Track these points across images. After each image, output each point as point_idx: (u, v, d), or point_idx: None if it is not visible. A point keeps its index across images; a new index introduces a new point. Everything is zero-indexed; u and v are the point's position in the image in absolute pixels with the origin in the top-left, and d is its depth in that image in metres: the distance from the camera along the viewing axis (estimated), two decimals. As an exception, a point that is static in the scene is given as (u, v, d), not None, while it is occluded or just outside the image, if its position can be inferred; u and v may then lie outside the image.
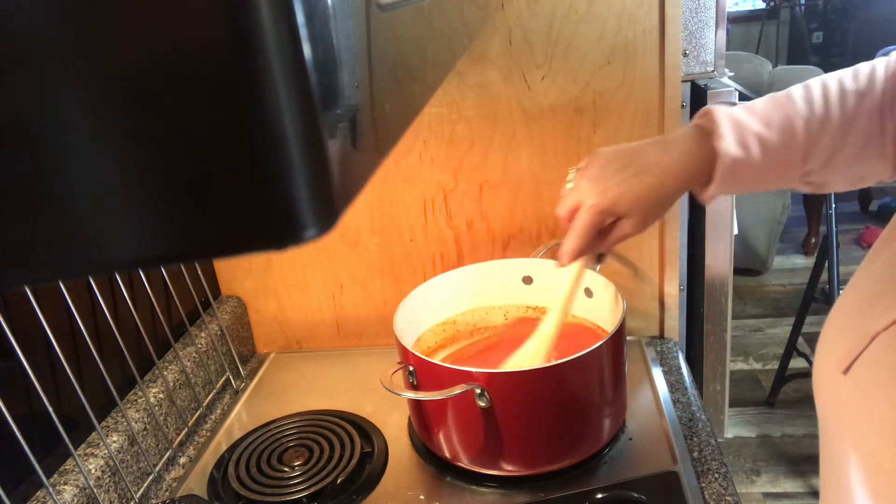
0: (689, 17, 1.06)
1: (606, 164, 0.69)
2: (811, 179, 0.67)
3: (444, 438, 0.83)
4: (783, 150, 0.64)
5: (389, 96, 0.29)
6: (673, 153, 0.66)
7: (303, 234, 0.19)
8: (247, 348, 1.16)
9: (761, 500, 2.07)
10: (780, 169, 0.65)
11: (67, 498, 0.72)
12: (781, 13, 5.09)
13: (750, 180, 0.66)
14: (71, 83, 0.17)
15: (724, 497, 0.78)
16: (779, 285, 3.22)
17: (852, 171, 0.66)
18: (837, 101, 0.63)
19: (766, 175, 0.66)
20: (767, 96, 0.67)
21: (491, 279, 1.00)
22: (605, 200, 0.67)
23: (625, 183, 0.67)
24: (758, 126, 0.64)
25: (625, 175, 0.67)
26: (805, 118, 0.63)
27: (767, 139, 0.64)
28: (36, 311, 0.72)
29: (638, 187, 0.66)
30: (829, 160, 0.64)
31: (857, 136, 0.63)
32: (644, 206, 0.67)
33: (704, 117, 0.67)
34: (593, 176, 0.69)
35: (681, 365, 1.03)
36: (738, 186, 0.68)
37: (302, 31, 0.18)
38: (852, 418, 0.53)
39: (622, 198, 0.67)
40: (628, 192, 0.67)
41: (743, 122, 0.65)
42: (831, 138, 0.63)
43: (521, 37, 0.95)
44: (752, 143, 0.64)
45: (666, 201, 0.68)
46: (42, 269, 0.19)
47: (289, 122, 0.18)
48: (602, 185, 0.68)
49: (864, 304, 0.54)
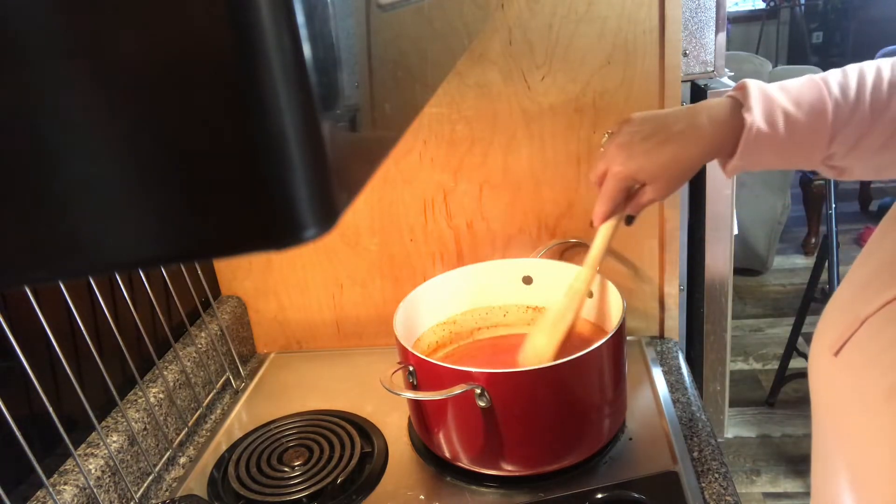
0: (689, 17, 1.06)
1: (635, 131, 0.71)
2: (834, 163, 0.67)
3: (444, 438, 0.83)
4: (810, 130, 0.65)
5: (389, 96, 0.29)
6: (702, 120, 0.68)
7: (303, 234, 0.19)
8: (247, 348, 1.16)
9: (761, 500, 2.07)
10: (804, 148, 0.66)
11: (67, 498, 0.72)
12: (781, 13, 5.09)
13: (773, 156, 0.67)
14: (71, 83, 0.17)
15: (724, 497, 0.78)
16: (779, 285, 3.22)
17: (877, 160, 0.66)
18: (871, 89, 0.64)
19: (789, 152, 0.67)
20: (805, 77, 0.67)
21: (491, 279, 1.00)
22: (629, 168, 0.70)
23: (649, 152, 0.69)
24: (787, 103, 0.65)
25: (650, 143, 0.69)
26: (837, 101, 0.64)
27: (796, 117, 0.64)
28: (36, 311, 0.72)
29: (662, 156, 0.69)
30: (854, 145, 0.65)
31: (885, 124, 0.63)
32: (666, 173, 0.70)
33: (738, 90, 0.68)
34: (621, 143, 0.71)
35: (681, 365, 1.03)
36: (761, 160, 0.68)
37: (302, 31, 0.18)
38: (841, 399, 0.54)
39: (645, 166, 0.70)
40: (652, 161, 0.69)
41: (774, 97, 0.66)
42: (860, 124, 0.64)
43: (521, 37, 0.95)
44: (780, 118, 0.65)
45: (688, 169, 0.70)
46: (42, 269, 0.19)
47: (289, 121, 0.18)
48: (627, 152, 0.70)
49: (858, 291, 0.55)
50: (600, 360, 0.79)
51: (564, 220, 1.05)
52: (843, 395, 0.54)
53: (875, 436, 0.50)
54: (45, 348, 0.74)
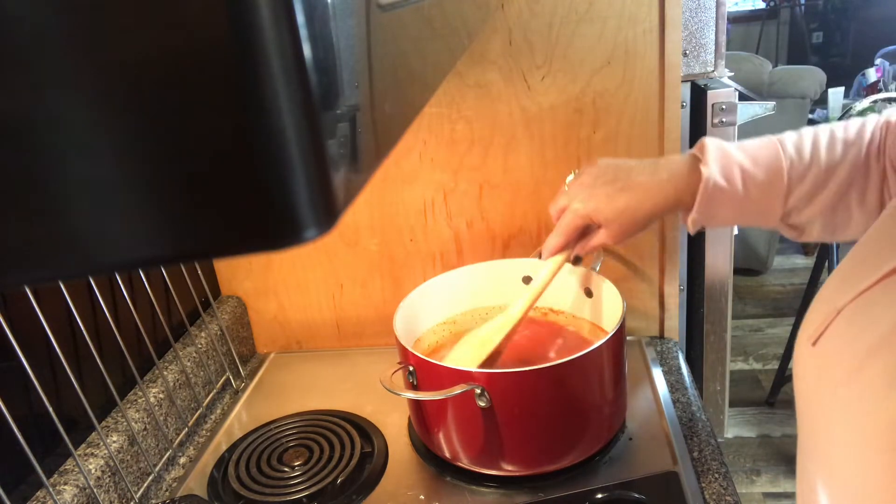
0: (689, 17, 1.06)
1: (599, 174, 0.75)
2: (791, 221, 0.71)
3: (444, 438, 0.83)
4: (766, 185, 0.68)
5: (389, 96, 0.29)
6: (662, 174, 0.72)
7: (303, 235, 0.19)
8: (247, 348, 1.16)
9: (761, 500, 2.07)
10: (760, 204, 0.69)
11: (67, 498, 0.72)
12: (781, 13, 5.09)
13: (730, 211, 0.70)
14: (71, 83, 0.17)
15: (724, 497, 0.78)
16: (779, 285, 3.22)
17: (832, 218, 0.69)
18: (825, 147, 0.68)
19: (746, 208, 0.70)
20: (763, 137, 0.71)
21: (491, 279, 1.00)
22: (588, 208, 0.74)
23: (610, 196, 0.73)
24: (744, 160, 0.69)
25: (612, 188, 0.73)
26: (791, 159, 0.68)
27: (752, 173, 0.68)
28: (36, 311, 0.72)
29: (620, 202, 0.73)
30: (809, 201, 0.68)
31: (839, 180, 0.67)
32: (621, 219, 0.73)
33: (698, 147, 0.72)
34: (584, 183, 0.76)
35: (681, 365, 1.03)
36: (718, 215, 0.71)
37: (302, 31, 0.18)
38: (815, 387, 0.56)
39: (603, 209, 0.73)
40: (610, 205, 0.73)
41: (731, 154, 0.69)
42: (814, 179, 0.67)
43: (521, 37, 0.95)
44: (736, 174, 0.68)
45: (643, 219, 0.73)
46: (42, 269, 0.19)
47: (289, 122, 0.18)
48: (589, 193, 0.75)
49: (839, 283, 0.57)
50: (600, 360, 0.79)
51: (564, 220, 1.05)
52: (816, 383, 0.56)
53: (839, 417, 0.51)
54: (45, 348, 0.74)
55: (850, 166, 0.67)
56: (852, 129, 0.68)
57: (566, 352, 0.77)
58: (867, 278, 0.52)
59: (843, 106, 2.87)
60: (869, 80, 3.21)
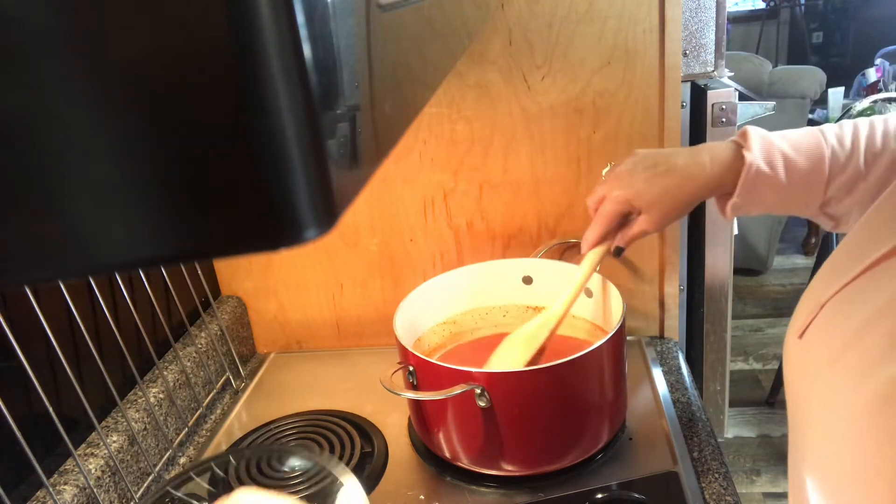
0: (689, 17, 1.06)
1: (638, 161, 0.74)
2: (830, 210, 0.70)
3: (444, 438, 0.83)
4: (808, 173, 0.68)
5: (389, 96, 0.29)
6: (704, 158, 0.71)
7: (303, 235, 0.19)
8: (247, 348, 1.16)
9: (761, 500, 2.07)
10: (802, 191, 0.69)
11: (67, 498, 0.72)
12: (781, 13, 5.09)
13: (772, 196, 0.70)
14: (71, 83, 0.17)
15: (724, 497, 0.78)
16: (779, 285, 3.22)
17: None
18: (865, 138, 0.68)
19: (788, 194, 0.69)
20: (804, 128, 0.71)
21: (491, 279, 1.00)
22: (629, 193, 0.73)
23: (650, 180, 0.72)
24: (787, 147, 0.68)
25: (652, 172, 0.72)
26: (833, 148, 0.68)
27: (794, 160, 0.68)
28: (36, 311, 0.72)
29: (661, 185, 0.71)
30: (851, 189, 0.68)
31: (879, 171, 0.66)
32: (663, 203, 0.72)
33: (740, 135, 0.71)
34: (624, 170, 0.74)
35: (681, 365, 1.03)
36: (760, 200, 0.71)
37: (302, 31, 0.18)
38: (801, 378, 0.57)
39: (644, 193, 0.72)
40: (652, 188, 0.72)
41: (773, 141, 0.69)
42: (855, 170, 0.67)
43: (521, 37, 0.95)
44: (779, 160, 0.68)
45: (685, 203, 0.72)
46: (42, 269, 0.19)
47: (289, 122, 0.18)
48: (629, 179, 0.73)
49: (824, 277, 0.58)
50: (600, 360, 0.79)
51: (564, 220, 1.05)
52: (801, 375, 0.57)
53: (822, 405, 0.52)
54: (45, 348, 0.74)
55: (889, 159, 0.66)
56: (892, 121, 0.68)
57: (566, 352, 0.77)
58: (851, 271, 0.53)
59: (843, 106, 2.87)
60: (869, 80, 3.21)
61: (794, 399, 0.58)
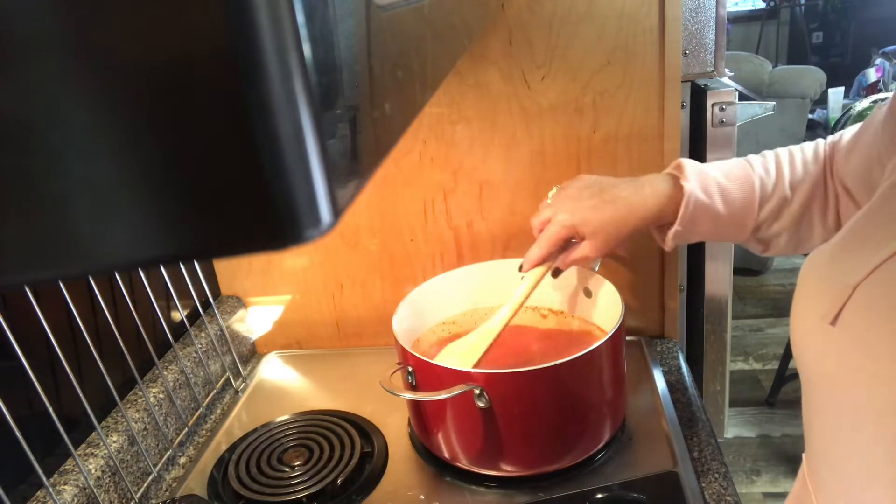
0: (689, 17, 1.06)
1: (584, 187, 0.78)
2: (760, 235, 0.76)
3: (444, 439, 0.83)
4: (741, 201, 0.73)
5: (389, 96, 0.29)
6: (646, 191, 0.75)
7: (303, 235, 0.19)
8: (247, 348, 1.16)
9: (761, 500, 2.07)
10: (737, 219, 0.74)
11: (67, 498, 0.72)
12: (781, 13, 5.10)
13: (709, 226, 0.74)
14: (71, 83, 0.17)
15: (724, 497, 0.78)
16: (779, 285, 3.22)
17: (796, 232, 0.74)
18: (787, 165, 0.74)
19: (724, 223, 0.74)
20: (732, 159, 0.77)
21: (491, 279, 1.00)
22: (574, 218, 0.77)
23: (596, 207, 0.76)
24: (720, 176, 0.74)
25: (597, 200, 0.76)
26: (761, 177, 0.74)
27: (728, 188, 0.73)
28: (36, 311, 0.72)
29: (606, 214, 0.75)
30: (778, 214, 0.73)
31: (802, 197, 0.73)
32: (606, 231, 0.76)
33: (675, 168, 0.76)
34: (570, 195, 0.78)
35: (681, 365, 1.03)
36: (698, 231, 0.75)
37: (302, 31, 0.18)
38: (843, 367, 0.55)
39: (591, 220, 0.76)
40: (597, 217, 0.76)
41: (706, 172, 0.74)
42: (781, 195, 0.73)
43: (521, 37, 0.95)
44: (714, 189, 0.73)
45: (627, 233, 0.76)
46: (42, 269, 0.19)
47: (289, 122, 0.18)
48: (575, 205, 0.77)
49: (840, 260, 0.58)
50: (600, 360, 0.79)
51: (564, 220, 1.05)
52: (842, 362, 0.55)
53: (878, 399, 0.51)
54: (45, 348, 0.74)
55: (810, 184, 0.73)
56: (809, 149, 0.75)
57: (565, 352, 0.77)
58: (877, 253, 0.52)
59: (843, 106, 2.87)
60: (869, 80, 3.21)
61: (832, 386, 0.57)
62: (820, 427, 0.60)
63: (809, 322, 0.58)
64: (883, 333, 0.51)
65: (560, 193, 0.80)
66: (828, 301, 0.55)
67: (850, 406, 0.55)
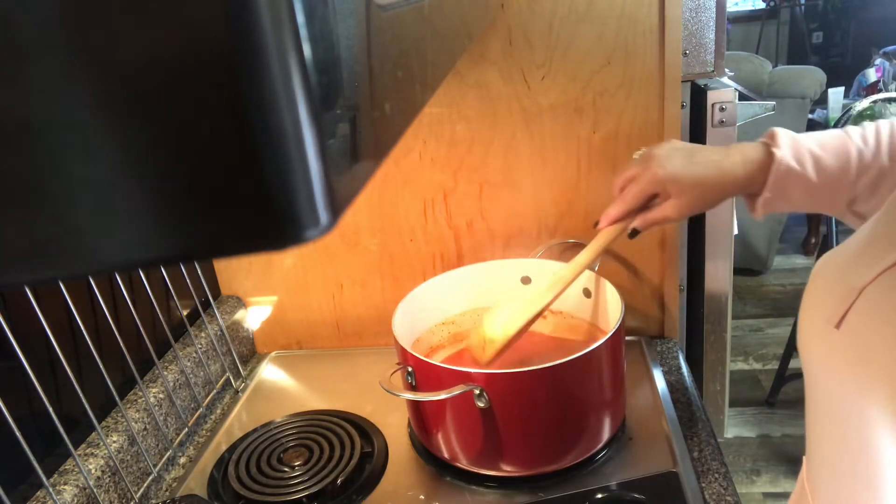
0: (689, 17, 1.06)
1: (675, 149, 0.75)
2: (857, 208, 0.71)
3: (444, 439, 0.83)
4: (835, 171, 0.69)
5: (389, 96, 0.29)
6: (735, 157, 0.73)
7: (303, 235, 0.19)
8: (247, 348, 1.16)
9: (761, 500, 2.07)
10: (831, 189, 0.70)
11: (67, 498, 0.72)
12: (781, 13, 5.09)
13: (800, 194, 0.71)
14: (71, 83, 0.17)
15: (724, 497, 0.78)
16: (779, 285, 3.22)
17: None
18: (888, 135, 0.70)
19: (817, 192, 0.71)
20: (828, 130, 0.73)
21: (491, 279, 1.00)
22: (665, 172, 0.73)
23: (687, 167, 0.73)
24: (814, 145, 0.70)
25: (689, 160, 0.73)
26: (858, 147, 0.70)
27: (821, 157, 0.70)
28: (36, 311, 0.72)
29: (697, 174, 0.72)
30: (876, 186, 0.69)
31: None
32: (695, 191, 0.73)
33: (768, 136, 0.73)
34: (661, 154, 0.74)
35: (681, 365, 1.03)
36: (789, 198, 0.72)
37: (302, 31, 0.18)
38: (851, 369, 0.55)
39: (680, 178, 0.72)
40: (687, 174, 0.72)
41: (800, 140, 0.71)
42: (879, 168, 0.69)
43: (521, 37, 0.95)
44: (807, 158, 0.70)
45: (714, 197, 0.73)
46: (42, 269, 0.19)
47: (289, 122, 0.18)
48: (667, 162, 0.73)
49: (849, 264, 0.58)
50: (599, 360, 0.79)
51: (564, 220, 1.05)
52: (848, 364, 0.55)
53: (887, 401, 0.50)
54: (45, 348, 0.74)
55: None
56: None
57: (565, 352, 0.77)
58: (884, 257, 0.52)
59: (843, 106, 2.87)
60: (869, 80, 3.21)
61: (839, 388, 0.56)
62: (820, 430, 0.60)
63: (815, 324, 0.58)
64: (887, 337, 0.51)
65: (648, 153, 0.77)
66: (833, 304, 0.55)
67: (851, 410, 0.54)
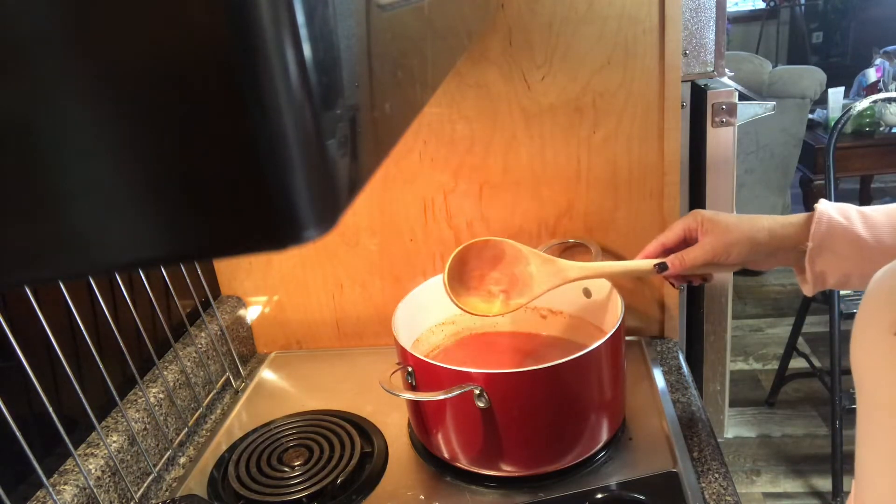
0: (689, 17, 1.06)
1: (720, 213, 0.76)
2: None
3: (443, 439, 0.83)
4: (888, 227, 0.68)
5: (389, 96, 0.29)
6: (779, 219, 0.74)
7: (303, 235, 0.19)
8: (247, 348, 1.16)
9: (761, 500, 2.07)
10: (886, 246, 0.68)
11: (67, 498, 0.72)
12: (781, 13, 5.10)
13: (849, 250, 0.69)
14: (71, 83, 0.17)
15: (724, 497, 0.78)
16: (779, 285, 3.22)
17: None
18: None
19: (868, 249, 0.69)
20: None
21: (491, 279, 1.00)
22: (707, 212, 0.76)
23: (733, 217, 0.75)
24: (862, 208, 0.70)
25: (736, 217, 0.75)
26: None
27: (869, 214, 0.69)
28: (36, 311, 0.72)
29: (734, 217, 0.74)
30: None
31: None
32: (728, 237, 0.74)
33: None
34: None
35: (681, 365, 1.03)
36: (835, 253, 0.70)
37: (302, 31, 0.18)
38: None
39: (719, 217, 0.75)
40: (725, 216, 0.74)
41: (847, 205, 0.71)
42: None
43: (521, 37, 0.95)
44: (853, 213, 0.70)
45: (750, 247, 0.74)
46: (42, 269, 0.19)
47: (289, 122, 0.18)
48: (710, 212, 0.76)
49: None
50: (599, 360, 0.79)
51: (564, 220, 1.05)
52: None
53: None
54: (45, 348, 0.74)
55: None
56: None
57: (565, 352, 0.77)
58: None
59: (843, 106, 2.87)
60: (869, 80, 3.21)
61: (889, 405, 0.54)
62: (875, 453, 0.57)
63: (874, 332, 0.55)
64: None
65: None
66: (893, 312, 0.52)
67: None
